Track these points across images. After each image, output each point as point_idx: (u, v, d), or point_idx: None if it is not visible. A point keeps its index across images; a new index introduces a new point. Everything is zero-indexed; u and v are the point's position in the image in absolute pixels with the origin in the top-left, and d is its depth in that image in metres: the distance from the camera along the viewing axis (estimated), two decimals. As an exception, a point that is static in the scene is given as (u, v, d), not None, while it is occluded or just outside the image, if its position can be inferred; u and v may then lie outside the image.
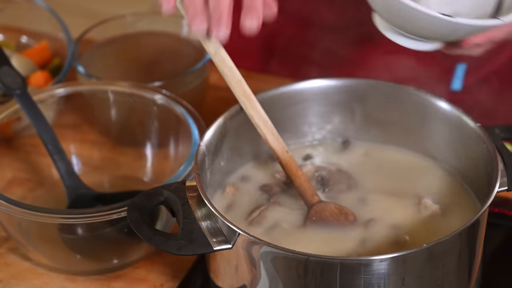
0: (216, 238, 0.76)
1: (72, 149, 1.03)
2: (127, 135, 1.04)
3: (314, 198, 0.84)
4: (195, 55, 1.10)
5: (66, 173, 0.94)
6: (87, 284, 0.90)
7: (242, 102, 0.83)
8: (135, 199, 0.79)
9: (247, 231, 0.75)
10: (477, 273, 0.81)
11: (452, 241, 0.75)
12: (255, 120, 0.84)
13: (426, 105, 0.87)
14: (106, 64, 1.10)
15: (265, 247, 0.74)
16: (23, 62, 1.10)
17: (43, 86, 1.08)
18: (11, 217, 0.88)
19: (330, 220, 0.82)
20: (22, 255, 0.93)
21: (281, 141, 0.84)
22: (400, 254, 0.73)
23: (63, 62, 1.12)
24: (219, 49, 0.81)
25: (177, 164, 0.97)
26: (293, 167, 0.84)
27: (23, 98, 0.95)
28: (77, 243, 0.90)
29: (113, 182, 1.01)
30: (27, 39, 1.18)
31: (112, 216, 0.85)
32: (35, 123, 0.94)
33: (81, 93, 1.01)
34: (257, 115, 0.83)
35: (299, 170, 0.84)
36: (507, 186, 0.80)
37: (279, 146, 0.84)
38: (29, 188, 0.99)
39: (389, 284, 0.74)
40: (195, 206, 0.78)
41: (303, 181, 0.84)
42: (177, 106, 0.97)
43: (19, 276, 0.91)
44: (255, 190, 0.88)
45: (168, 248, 0.75)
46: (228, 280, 0.80)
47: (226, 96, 1.13)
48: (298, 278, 0.75)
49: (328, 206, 0.83)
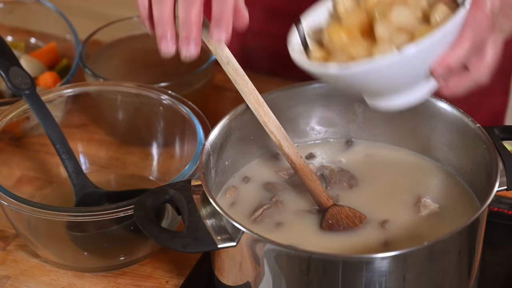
0: (220, 236, 0.77)
1: (79, 148, 1.03)
2: (133, 134, 1.05)
3: (329, 201, 0.84)
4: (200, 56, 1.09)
5: (74, 171, 0.94)
6: (94, 280, 0.90)
7: (255, 110, 0.83)
8: (141, 197, 0.79)
9: (251, 229, 0.75)
10: (477, 271, 0.82)
11: (452, 240, 0.75)
12: (269, 127, 0.84)
13: (427, 105, 0.87)
14: (113, 65, 1.10)
15: (268, 244, 0.75)
16: (32, 63, 1.11)
17: (51, 87, 1.08)
18: (20, 214, 0.88)
19: (345, 223, 0.82)
20: (30, 252, 0.93)
21: (294, 147, 0.84)
22: (401, 252, 0.73)
23: (71, 63, 1.13)
24: (231, 58, 0.82)
25: (182, 163, 0.97)
26: (307, 171, 0.84)
27: (32, 98, 0.95)
28: (84, 241, 0.90)
29: (119, 180, 1.01)
30: (36, 40, 1.18)
31: (119, 214, 0.85)
32: (43, 122, 0.94)
33: (88, 93, 1.02)
34: (271, 122, 0.84)
35: (313, 174, 0.84)
36: (506, 185, 0.81)
37: (293, 152, 0.84)
38: (37, 187, 1.00)
39: (390, 282, 0.74)
40: (200, 205, 0.79)
41: (318, 185, 0.84)
42: (183, 107, 0.97)
43: (27, 272, 0.92)
44: (259, 188, 0.88)
45: (173, 245, 0.75)
46: (232, 277, 0.80)
47: (231, 97, 1.14)
48: (301, 275, 0.75)
49: (343, 209, 0.83)
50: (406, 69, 0.76)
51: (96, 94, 1.03)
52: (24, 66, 1.03)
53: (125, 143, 1.05)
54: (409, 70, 0.77)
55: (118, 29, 1.13)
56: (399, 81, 0.78)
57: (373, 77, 0.76)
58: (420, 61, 0.76)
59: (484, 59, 0.78)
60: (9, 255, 0.94)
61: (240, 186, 0.88)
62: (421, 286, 0.77)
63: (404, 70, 0.76)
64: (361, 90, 0.80)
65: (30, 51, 1.15)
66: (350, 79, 0.76)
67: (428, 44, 0.74)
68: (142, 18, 0.81)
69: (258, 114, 0.84)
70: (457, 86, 0.79)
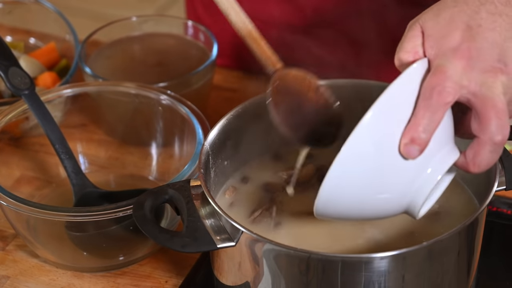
0: (219, 236, 0.77)
1: (79, 148, 1.03)
2: (132, 134, 1.05)
3: (277, 64, 0.81)
4: (200, 56, 1.10)
5: (73, 171, 0.94)
6: (93, 280, 0.91)
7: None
8: (140, 197, 0.80)
9: (250, 229, 0.75)
10: (476, 271, 0.82)
11: (452, 239, 0.76)
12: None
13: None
14: (112, 65, 1.10)
15: (267, 244, 0.75)
16: (31, 63, 1.11)
17: (50, 87, 1.08)
18: (19, 214, 0.88)
19: (293, 85, 0.79)
20: (30, 252, 0.94)
21: (241, 15, 0.81)
22: (400, 252, 0.73)
23: (70, 63, 1.13)
24: None
25: (181, 163, 0.97)
26: (256, 36, 0.81)
27: (31, 98, 0.95)
28: (83, 241, 0.90)
29: (119, 180, 1.01)
30: (35, 40, 1.18)
31: (118, 214, 0.85)
32: (43, 122, 0.95)
33: (87, 93, 1.02)
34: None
35: (262, 39, 0.81)
36: (505, 185, 0.81)
37: (240, 20, 0.81)
38: (37, 187, 1.00)
39: (390, 281, 0.74)
40: (199, 205, 0.79)
41: (267, 48, 0.81)
42: (182, 107, 0.97)
43: (27, 272, 0.92)
44: (258, 189, 0.88)
45: (172, 245, 0.76)
46: (231, 277, 0.80)
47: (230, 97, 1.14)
48: (300, 275, 0.75)
49: (291, 71, 0.80)
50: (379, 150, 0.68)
51: (95, 94, 1.03)
52: (23, 66, 1.03)
53: (124, 143, 1.05)
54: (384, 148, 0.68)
55: (117, 29, 1.13)
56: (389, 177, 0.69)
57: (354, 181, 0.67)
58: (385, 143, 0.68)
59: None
60: (8, 255, 0.94)
61: (239, 186, 0.89)
62: (420, 286, 0.77)
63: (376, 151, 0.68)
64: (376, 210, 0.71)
65: (29, 51, 1.15)
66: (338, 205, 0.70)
67: (381, 108, 0.68)
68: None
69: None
70: (479, 158, 0.71)
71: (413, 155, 0.70)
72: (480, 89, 0.71)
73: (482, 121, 0.71)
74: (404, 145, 0.70)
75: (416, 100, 0.71)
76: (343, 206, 0.72)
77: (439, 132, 0.71)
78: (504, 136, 0.71)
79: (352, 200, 0.71)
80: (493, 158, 0.72)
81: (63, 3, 1.28)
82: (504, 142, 0.71)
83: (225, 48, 1.17)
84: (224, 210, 0.77)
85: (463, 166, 0.73)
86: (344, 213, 0.73)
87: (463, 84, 0.71)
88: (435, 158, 0.72)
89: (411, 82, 0.71)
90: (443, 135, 0.72)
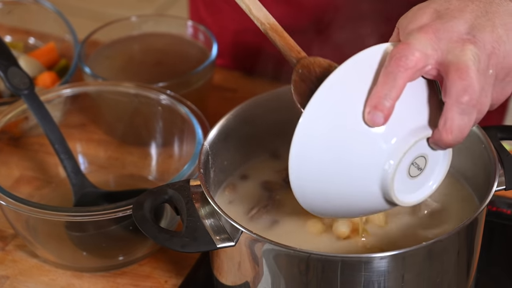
0: (219, 235, 0.77)
1: (78, 148, 1.04)
2: (132, 134, 1.05)
3: (301, 53, 0.78)
4: (199, 56, 1.10)
5: (73, 171, 0.95)
6: (93, 280, 0.91)
7: None
8: (140, 197, 0.80)
9: (249, 229, 0.75)
10: (475, 271, 0.82)
11: (451, 239, 0.75)
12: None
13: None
14: (112, 65, 1.11)
15: (267, 244, 0.75)
16: (30, 63, 1.11)
17: (50, 87, 1.08)
18: (19, 214, 0.88)
19: (317, 74, 0.76)
20: (29, 252, 0.94)
21: (263, 9, 0.79)
22: (399, 251, 0.73)
23: (70, 63, 1.13)
24: None
25: (181, 163, 0.98)
26: (278, 29, 0.78)
27: (31, 98, 0.96)
28: (83, 241, 0.90)
29: (118, 180, 1.01)
30: (35, 40, 1.19)
31: (117, 214, 0.85)
32: (42, 122, 0.95)
33: (87, 93, 1.02)
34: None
35: (284, 31, 0.79)
36: (505, 185, 0.81)
37: (263, 14, 0.79)
38: (36, 187, 1.00)
39: (389, 281, 0.74)
40: (198, 204, 0.79)
41: (289, 39, 0.78)
42: (182, 107, 0.97)
43: (26, 272, 0.92)
44: (257, 187, 0.88)
45: (172, 245, 0.76)
46: (231, 277, 0.80)
47: (230, 97, 1.14)
48: (300, 275, 0.75)
49: (315, 60, 0.77)
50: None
51: (95, 94, 1.03)
52: (23, 66, 1.04)
53: (124, 143, 1.06)
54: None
55: (117, 29, 1.13)
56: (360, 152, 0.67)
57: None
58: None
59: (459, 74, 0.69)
60: (8, 255, 0.94)
61: (238, 184, 0.89)
62: (420, 285, 0.77)
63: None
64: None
65: (29, 51, 1.15)
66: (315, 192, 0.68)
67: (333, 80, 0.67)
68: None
69: None
70: (449, 122, 0.69)
71: (377, 122, 0.69)
72: (446, 57, 0.70)
73: (446, 85, 0.69)
74: (367, 113, 0.69)
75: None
76: (316, 185, 0.70)
77: (408, 104, 0.70)
78: (471, 96, 0.68)
79: (323, 178, 0.70)
80: (463, 121, 0.69)
81: (62, 3, 1.28)
82: (472, 103, 0.69)
83: (225, 48, 1.18)
84: (223, 208, 0.77)
85: (437, 137, 0.71)
86: (322, 196, 0.71)
87: (428, 53, 0.70)
88: (403, 131, 0.70)
89: (376, 55, 0.71)
90: (414, 109, 0.71)
